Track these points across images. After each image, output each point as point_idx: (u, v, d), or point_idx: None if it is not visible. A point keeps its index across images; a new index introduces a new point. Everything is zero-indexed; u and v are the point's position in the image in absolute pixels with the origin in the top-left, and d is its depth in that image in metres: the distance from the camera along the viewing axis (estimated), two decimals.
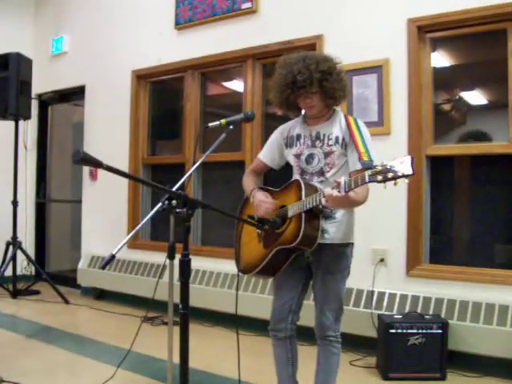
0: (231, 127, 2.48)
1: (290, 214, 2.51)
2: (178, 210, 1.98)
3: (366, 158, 2.35)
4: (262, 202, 2.62)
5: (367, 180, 2.13)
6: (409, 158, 2.03)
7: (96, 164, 1.70)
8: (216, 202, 2.39)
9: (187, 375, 2.01)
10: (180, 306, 2.02)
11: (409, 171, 2.02)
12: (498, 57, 3.97)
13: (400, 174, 2.03)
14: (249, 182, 2.85)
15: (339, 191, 2.23)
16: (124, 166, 5.86)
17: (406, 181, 2.05)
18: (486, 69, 4.28)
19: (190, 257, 2.03)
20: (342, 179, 2.24)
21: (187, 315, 2.02)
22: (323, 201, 2.32)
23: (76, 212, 6.70)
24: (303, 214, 2.44)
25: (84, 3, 6.54)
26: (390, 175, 2.05)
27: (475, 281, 3.81)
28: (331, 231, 2.57)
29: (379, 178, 2.08)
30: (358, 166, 2.50)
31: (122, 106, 6.04)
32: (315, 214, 2.47)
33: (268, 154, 2.86)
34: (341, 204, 2.38)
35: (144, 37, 5.87)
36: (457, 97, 4.38)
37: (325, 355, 2.70)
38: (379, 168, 2.09)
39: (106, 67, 6.22)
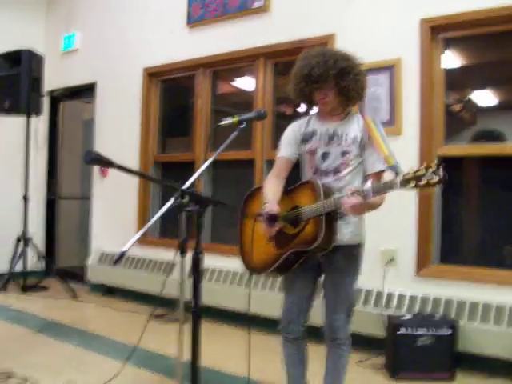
0: (243, 125, 2.47)
1: (306, 216, 2.47)
2: (189, 208, 1.98)
3: (392, 162, 2.30)
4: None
5: (398, 186, 2.11)
6: (439, 164, 2.02)
7: (107, 164, 1.70)
8: (225, 201, 2.37)
9: (198, 373, 2.01)
10: (192, 304, 2.02)
11: (441, 178, 2.00)
12: (509, 57, 3.94)
13: (435, 181, 2.01)
14: (269, 191, 2.67)
15: (365, 196, 2.22)
16: (134, 164, 5.88)
17: (438, 188, 2.03)
18: (497, 69, 4.26)
19: (193, 255, 2.03)
20: (369, 183, 2.23)
21: (199, 313, 2.01)
22: (344, 207, 2.29)
23: (86, 209, 6.73)
24: (322, 217, 2.41)
25: (95, 0, 6.55)
26: (423, 182, 2.03)
27: (485, 282, 3.79)
28: (343, 232, 2.55)
29: (412, 184, 2.06)
30: (377, 168, 2.51)
31: (132, 104, 6.05)
32: (333, 217, 2.45)
33: (289, 149, 2.74)
34: (362, 210, 2.38)
35: (155, 34, 5.88)
36: (468, 97, 4.37)
37: (334, 356, 2.69)
38: (411, 174, 2.06)
39: (116, 64, 6.23)
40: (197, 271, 2.00)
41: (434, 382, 3.52)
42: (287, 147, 2.76)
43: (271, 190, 2.68)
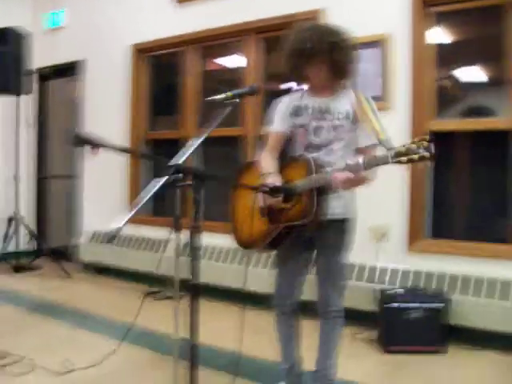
0: (236, 100, 2.45)
1: (299, 189, 2.46)
2: (187, 183, 1.97)
3: (383, 137, 2.30)
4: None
5: (390, 161, 2.12)
6: (431, 139, 2.03)
7: (97, 145, 1.68)
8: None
9: (196, 349, 2.02)
10: (190, 278, 2.02)
11: (433, 153, 2.01)
12: (498, 32, 3.93)
13: (427, 155, 2.02)
14: (268, 164, 2.65)
15: (356, 171, 2.23)
16: (124, 142, 5.84)
17: (429, 163, 2.04)
18: (487, 44, 4.24)
19: (191, 231, 2.02)
20: (361, 158, 2.24)
21: (198, 287, 2.01)
22: (336, 181, 2.30)
23: (76, 187, 6.69)
24: (314, 191, 2.41)
25: None
26: (415, 157, 2.04)
27: (477, 255, 3.83)
28: (334, 206, 2.55)
29: (403, 159, 2.07)
30: (369, 142, 2.51)
31: (121, 81, 6.01)
32: (325, 191, 2.45)
33: (281, 124, 2.72)
34: (354, 184, 2.39)
35: (144, 11, 5.81)
36: (457, 72, 4.36)
37: (327, 330, 2.72)
38: (402, 149, 2.07)
39: (104, 42, 6.17)
40: (194, 247, 1.99)
41: (426, 354, 3.56)
42: (280, 121, 2.73)
43: (270, 164, 2.66)
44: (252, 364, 3.36)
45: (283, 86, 4.91)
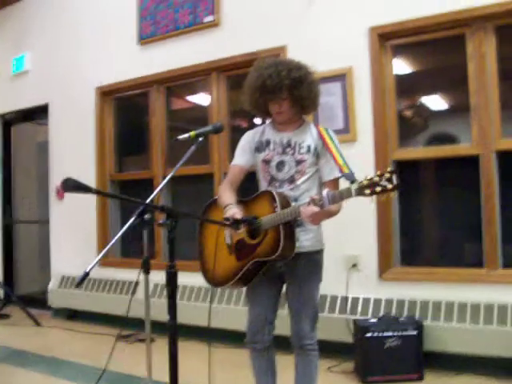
0: (200, 139, 2.47)
1: (266, 226, 2.48)
2: (161, 222, 1.97)
3: (346, 170, 2.34)
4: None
5: (354, 194, 2.16)
6: (393, 171, 2.08)
7: (86, 190, 1.68)
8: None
9: None
10: (168, 318, 2.00)
11: (396, 184, 2.06)
12: (457, 62, 4.05)
13: (389, 187, 2.06)
14: (225, 196, 2.69)
15: (321, 205, 2.25)
16: (91, 184, 5.76)
17: (393, 195, 2.08)
18: (446, 74, 4.37)
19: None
20: (325, 192, 2.27)
21: (176, 326, 1.99)
22: (303, 217, 2.32)
23: (43, 232, 6.60)
24: (281, 226, 2.42)
25: (46, 20, 6.46)
26: (378, 189, 2.08)
27: (446, 281, 3.88)
28: (302, 239, 2.57)
29: (367, 191, 2.11)
30: (333, 176, 2.56)
31: (86, 123, 5.98)
32: (291, 225, 2.48)
33: (243, 158, 2.76)
34: (321, 218, 2.41)
35: (108, 53, 5.83)
36: (419, 102, 4.46)
37: (303, 364, 2.70)
38: (365, 182, 2.11)
39: (69, 85, 6.15)
40: (172, 285, 1.98)
41: (403, 382, 3.56)
42: (241, 155, 2.78)
43: (228, 196, 2.69)
44: None
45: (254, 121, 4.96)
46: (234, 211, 2.52)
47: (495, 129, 3.85)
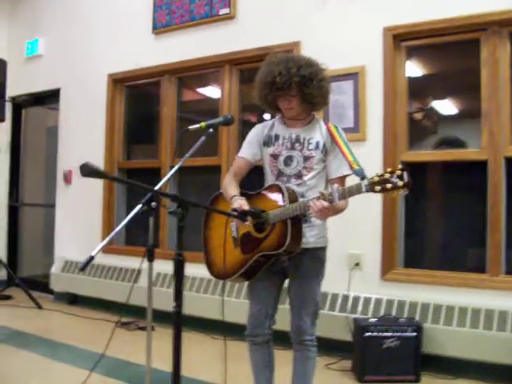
0: (211, 130, 2.48)
1: (273, 220, 2.48)
2: (171, 210, 1.98)
3: (357, 167, 2.33)
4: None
5: (364, 190, 2.16)
6: (403, 169, 2.08)
7: (102, 175, 1.70)
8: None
9: (179, 376, 2.00)
10: (174, 304, 2.00)
11: (407, 182, 2.06)
12: (471, 66, 4.04)
13: (400, 184, 2.06)
14: (231, 188, 2.70)
15: (330, 200, 2.25)
16: None
17: (404, 192, 2.08)
18: (459, 78, 4.36)
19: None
20: (335, 187, 2.27)
21: (180, 313, 2.00)
22: (312, 211, 2.32)
23: (49, 216, 6.63)
24: (289, 221, 2.43)
25: (60, 6, 6.49)
26: (388, 186, 2.08)
27: (448, 284, 3.88)
28: (307, 235, 2.58)
29: (377, 188, 2.11)
30: (340, 173, 2.56)
31: (97, 110, 6.00)
32: (298, 220, 2.48)
33: (249, 151, 2.77)
34: (328, 214, 2.39)
35: (121, 41, 5.84)
36: (430, 105, 4.46)
37: (301, 359, 2.71)
38: (376, 178, 2.11)
39: (81, 71, 6.17)
40: (179, 274, 1.99)
41: (401, 382, 3.56)
42: (248, 148, 2.79)
43: (234, 187, 2.71)
44: None
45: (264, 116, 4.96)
46: (241, 202, 2.52)
47: (505, 135, 3.84)
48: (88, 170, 1.64)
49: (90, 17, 6.17)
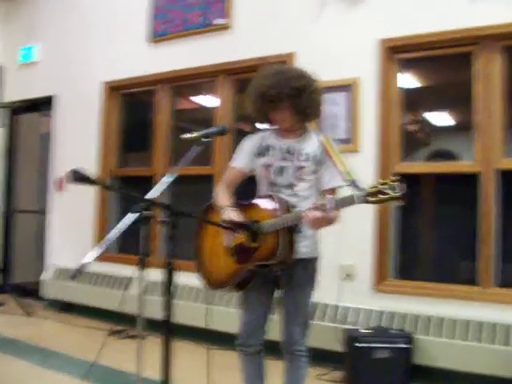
0: (205, 140, 2.49)
1: (267, 230, 2.48)
2: (163, 219, 1.99)
3: (350, 178, 2.33)
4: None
5: (358, 201, 2.17)
6: (397, 180, 2.10)
7: (92, 182, 1.70)
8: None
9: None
10: (164, 314, 2.01)
11: (402, 194, 2.08)
12: (463, 79, 4.07)
13: (394, 196, 2.07)
14: (222, 198, 2.72)
15: (324, 211, 2.26)
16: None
17: (398, 204, 2.09)
18: (451, 90, 4.40)
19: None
20: (328, 198, 2.28)
21: (170, 322, 2.01)
22: (306, 220, 2.33)
23: (42, 223, 6.61)
24: (281, 231, 2.44)
25: (56, 12, 6.50)
26: (382, 197, 2.09)
27: (439, 296, 3.89)
28: (300, 245, 2.58)
29: (371, 199, 2.12)
30: (331, 185, 2.58)
31: (91, 117, 6.01)
32: (291, 231, 2.48)
33: (243, 160, 2.78)
34: (321, 224, 2.40)
35: (117, 49, 5.86)
36: (423, 117, 4.48)
37: (292, 369, 2.71)
38: (370, 189, 2.12)
39: (77, 78, 6.18)
40: (169, 283, 1.99)
41: None
42: (241, 158, 2.80)
43: (226, 198, 2.73)
44: None
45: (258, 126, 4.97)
46: (232, 214, 2.53)
47: (498, 148, 3.87)
48: (78, 177, 1.65)
49: (87, 25, 6.17)
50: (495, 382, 3.54)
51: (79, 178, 1.66)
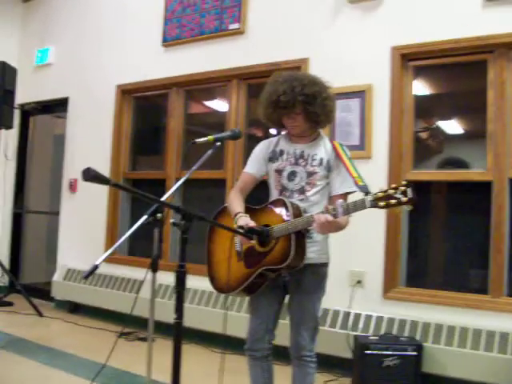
0: (218, 144, 2.50)
1: (277, 234, 2.48)
2: (175, 222, 2.00)
3: (361, 183, 2.34)
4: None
5: (368, 205, 2.17)
6: (408, 185, 2.09)
7: (104, 181, 1.72)
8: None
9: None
10: (174, 316, 2.02)
11: (411, 198, 2.07)
12: (477, 87, 4.06)
13: (404, 200, 2.07)
14: (235, 204, 2.72)
15: (334, 215, 2.26)
16: None
17: (408, 208, 2.09)
18: (465, 98, 4.39)
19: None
20: (339, 202, 2.28)
21: (181, 324, 2.01)
22: (316, 224, 2.33)
23: (53, 224, 6.65)
24: (293, 235, 2.44)
25: (71, 15, 6.56)
26: (392, 202, 2.09)
27: (450, 305, 3.87)
28: (309, 251, 2.57)
29: (381, 203, 2.12)
30: (344, 190, 2.58)
31: (104, 120, 6.04)
32: (302, 235, 2.49)
33: (255, 166, 2.80)
34: (331, 229, 2.40)
35: (130, 52, 5.90)
36: (436, 125, 4.47)
37: (300, 375, 2.71)
38: (380, 194, 2.12)
39: (90, 80, 6.22)
40: (181, 286, 2.00)
41: None
42: (253, 164, 2.82)
43: (239, 203, 2.73)
44: None
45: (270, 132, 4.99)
46: (246, 220, 2.54)
47: (510, 157, 3.85)
48: (90, 175, 1.66)
49: (101, 27, 6.23)
50: None
51: (92, 176, 1.66)
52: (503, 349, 3.54)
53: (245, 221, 2.53)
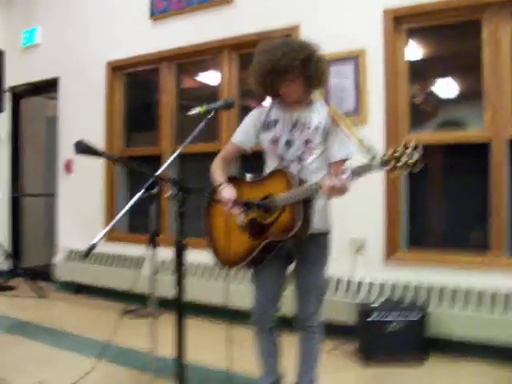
0: (211, 114, 2.46)
1: (282, 203, 2.43)
2: (171, 194, 1.97)
3: (367, 144, 2.26)
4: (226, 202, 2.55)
5: (378, 167, 2.12)
6: (416, 146, 2.03)
7: (97, 153, 1.69)
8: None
9: (184, 367, 2.00)
10: (175, 291, 2.00)
11: (418, 159, 2.02)
12: (472, 47, 4.01)
13: (413, 161, 2.02)
14: (218, 174, 2.72)
15: (345, 178, 2.21)
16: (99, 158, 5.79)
17: (417, 169, 2.04)
18: (460, 59, 4.33)
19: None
20: (345, 167, 2.24)
21: (182, 299, 2.00)
22: (325, 187, 2.26)
23: (50, 206, 6.62)
24: (297, 205, 2.38)
25: None
26: (401, 163, 2.04)
27: (452, 266, 3.87)
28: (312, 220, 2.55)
29: (390, 165, 2.06)
30: (343, 154, 2.54)
31: (96, 98, 5.98)
32: (307, 205, 2.42)
33: (241, 136, 2.75)
34: (339, 192, 2.30)
35: (118, 27, 5.81)
36: (432, 87, 4.43)
37: (306, 344, 2.72)
38: (389, 155, 2.07)
39: (79, 59, 6.14)
40: (180, 260, 1.98)
41: (405, 366, 3.57)
42: (241, 134, 2.77)
43: (221, 173, 2.72)
44: (239, 380, 3.28)
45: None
46: (230, 193, 2.52)
47: (508, 115, 3.81)
48: (82, 148, 1.63)
49: (87, 4, 6.11)
50: (511, 351, 3.53)
51: (84, 148, 1.63)
52: (507, 309, 3.54)
53: (228, 194, 2.51)
